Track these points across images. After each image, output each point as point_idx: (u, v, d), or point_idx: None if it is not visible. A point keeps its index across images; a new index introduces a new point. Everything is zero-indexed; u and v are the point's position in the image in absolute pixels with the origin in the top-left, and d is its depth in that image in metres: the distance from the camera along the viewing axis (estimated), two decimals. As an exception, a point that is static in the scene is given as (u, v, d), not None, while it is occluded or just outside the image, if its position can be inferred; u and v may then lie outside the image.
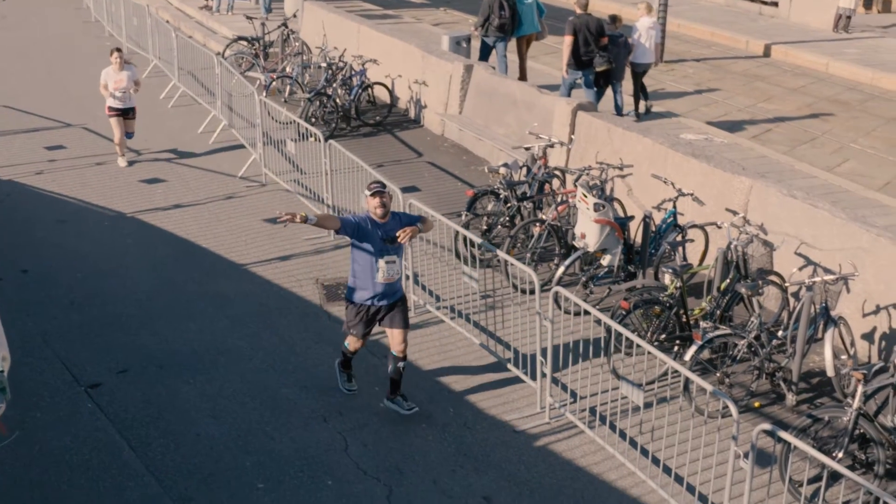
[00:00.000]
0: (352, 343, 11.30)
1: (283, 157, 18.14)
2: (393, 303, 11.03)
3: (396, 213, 11.10)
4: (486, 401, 11.42)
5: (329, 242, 15.40)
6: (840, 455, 9.85)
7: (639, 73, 19.60)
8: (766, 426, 8.65)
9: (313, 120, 20.31)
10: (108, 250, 15.02)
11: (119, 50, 18.28)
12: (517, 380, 11.75)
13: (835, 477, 9.86)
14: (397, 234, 10.76)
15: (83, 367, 11.78)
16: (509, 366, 11.93)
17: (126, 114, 18.48)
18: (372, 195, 10.80)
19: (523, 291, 13.36)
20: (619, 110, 19.76)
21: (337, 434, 10.72)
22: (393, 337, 11.02)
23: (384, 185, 11.07)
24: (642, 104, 19.87)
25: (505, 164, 15.31)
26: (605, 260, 13.52)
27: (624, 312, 11.66)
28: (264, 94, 20.07)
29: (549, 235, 14.19)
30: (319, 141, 15.69)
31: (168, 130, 20.28)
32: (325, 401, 11.29)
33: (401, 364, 11.00)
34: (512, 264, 12.44)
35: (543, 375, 11.15)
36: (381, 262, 10.74)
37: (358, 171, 14.98)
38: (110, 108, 18.41)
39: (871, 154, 16.06)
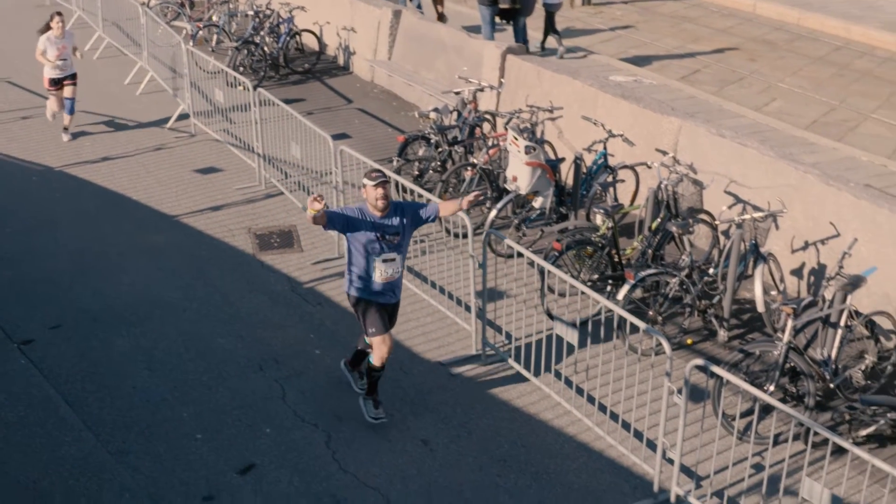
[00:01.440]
0: (376, 348, 9.81)
1: (211, 106, 17.98)
2: (394, 303, 9.98)
3: (397, 203, 9.81)
4: (422, 345, 11.47)
5: (261, 192, 15.33)
6: (771, 388, 10.01)
7: (550, 13, 19.43)
8: (699, 362, 8.77)
9: (241, 69, 20.14)
10: (37, 205, 14.84)
11: (60, 14, 16.92)
12: (452, 323, 11.80)
13: (767, 410, 10.03)
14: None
15: (15, 324, 11.67)
16: (444, 309, 11.98)
17: (68, 80, 17.13)
18: (375, 185, 9.38)
19: (456, 235, 13.39)
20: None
21: (274, 382, 10.72)
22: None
23: (386, 175, 9.69)
24: (553, 40, 19.55)
25: (435, 109, 15.29)
26: (537, 202, 13.57)
27: (557, 254, 11.72)
28: (191, 43, 19.84)
29: (481, 179, 14.20)
30: (248, 90, 15.56)
31: (94, 83, 20.01)
32: (260, 350, 11.27)
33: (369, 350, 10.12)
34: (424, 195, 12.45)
35: (478, 318, 11.20)
36: (378, 262, 9.51)
37: (288, 119, 14.89)
38: (51, 81, 17.07)
39: (798, 93, 16.20)
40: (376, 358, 9.80)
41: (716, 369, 8.81)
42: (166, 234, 13.95)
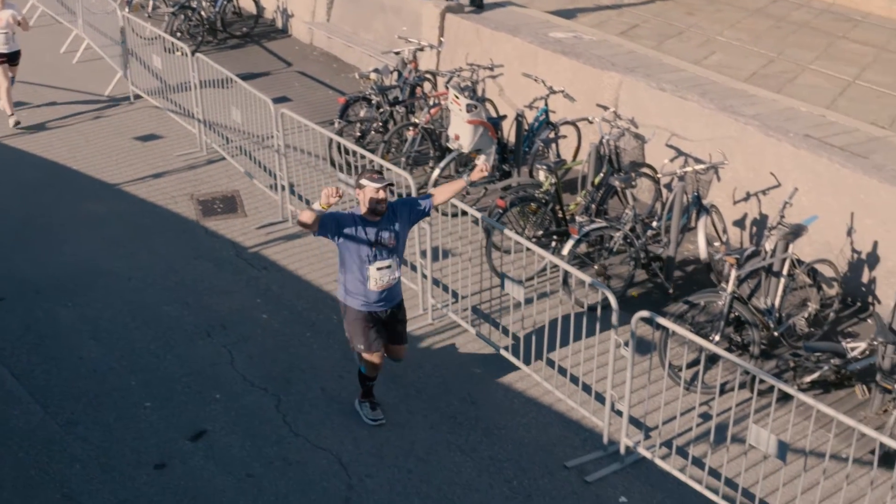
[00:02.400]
0: (367, 361, 9.37)
1: (150, 73, 17.81)
2: (392, 308, 9.32)
3: (389, 203, 9.01)
4: (369, 306, 11.48)
5: (202, 158, 15.23)
6: (717, 338, 10.11)
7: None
8: (645, 314, 8.84)
9: (179, 34, 19.94)
10: (-26, 177, 14.68)
11: None
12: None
13: (713, 359, 10.14)
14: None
15: (-43, 297, 11.57)
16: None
17: (12, 60, 16.37)
18: (378, 189, 8.64)
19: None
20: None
21: (222, 348, 10.70)
22: (392, 351, 9.59)
23: (389, 179, 9.00)
24: None
25: (375, 70, 15.23)
26: (480, 160, 13.55)
27: (501, 211, 11.75)
28: (126, 9, 19.58)
29: (423, 139, 14.19)
30: (186, 55, 15.43)
31: (30, 52, 19.68)
32: (207, 316, 11.24)
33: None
34: (388, 169, 12.42)
35: (424, 277, 11.22)
36: (372, 270, 8.88)
37: (227, 83, 14.78)
38: None
39: (736, 46, 16.27)
40: (368, 369, 9.42)
41: (661, 321, 8.88)
42: (108, 204, 13.84)
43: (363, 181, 8.66)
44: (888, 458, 8.62)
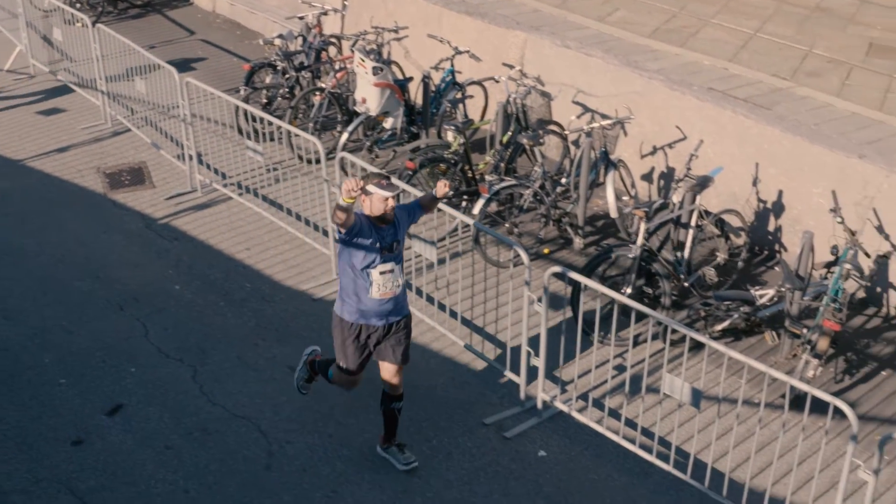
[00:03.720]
0: (342, 379, 8.72)
1: (50, 46, 17.51)
2: (392, 324, 8.43)
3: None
4: (282, 272, 11.46)
5: (107, 130, 15.04)
6: (628, 290, 10.23)
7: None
8: (557, 269, 8.92)
9: (78, 5, 19.58)
10: None
11: None
12: (311, 249, 11.80)
13: (625, 312, 10.25)
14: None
15: None
16: (301, 236, 11.96)
17: None
18: (387, 198, 7.94)
19: (309, 161, 13.34)
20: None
21: (135, 321, 10.61)
22: (384, 370, 8.61)
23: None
24: None
25: (280, 36, 15.12)
26: (388, 123, 13.58)
27: (410, 172, 11.76)
28: (23, -18, 19.25)
29: (331, 103, 14.13)
30: (87, 26, 15.20)
31: (-77, 28, 19.37)
32: (119, 289, 11.13)
33: (396, 405, 8.67)
34: (296, 135, 12.38)
35: (335, 242, 11.20)
36: (375, 274, 8.07)
37: (130, 54, 14.59)
38: None
39: (639, 2, 16.34)
40: (338, 381, 8.79)
41: (573, 275, 8.98)
42: (12, 180, 13.61)
43: (371, 187, 7.83)
44: (798, 401, 8.81)
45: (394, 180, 8.15)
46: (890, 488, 8.54)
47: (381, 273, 8.09)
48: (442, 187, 8.42)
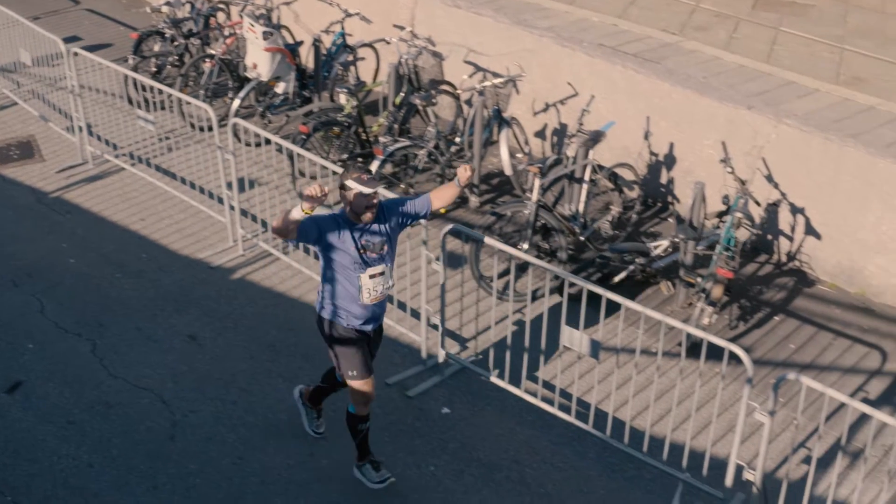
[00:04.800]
0: (357, 393, 7.84)
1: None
2: (376, 329, 7.98)
3: (382, 203, 7.64)
4: (178, 242, 11.36)
5: (-8, 103, 14.78)
6: (525, 246, 10.31)
7: None
8: (453, 227, 8.96)
9: (-44, -23, 19.18)
10: None
11: None
12: (207, 217, 11.72)
13: (522, 268, 10.36)
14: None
15: None
16: (197, 204, 11.87)
17: None
18: (367, 194, 7.24)
19: (201, 129, 13.22)
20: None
21: (30, 297, 10.45)
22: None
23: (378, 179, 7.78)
24: None
25: (167, 3, 14.91)
26: (280, 87, 13.51)
27: (304, 137, 11.70)
28: None
29: (221, 70, 13.99)
30: (-34, -2, 14.89)
31: None
32: (12, 265, 10.94)
33: (341, 388, 8.29)
34: (187, 102, 12.26)
35: (232, 208, 11.14)
36: (364, 279, 7.43)
37: (14, 25, 14.31)
38: None
39: (526, -42, 16.45)
40: (358, 405, 7.87)
41: (470, 233, 9.03)
42: None
43: (349, 182, 7.19)
44: (695, 348, 8.97)
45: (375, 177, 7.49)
46: (785, 429, 8.75)
47: (371, 277, 7.45)
48: (463, 172, 7.62)
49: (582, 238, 10.91)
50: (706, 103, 11.48)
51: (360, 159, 12.28)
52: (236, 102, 13.06)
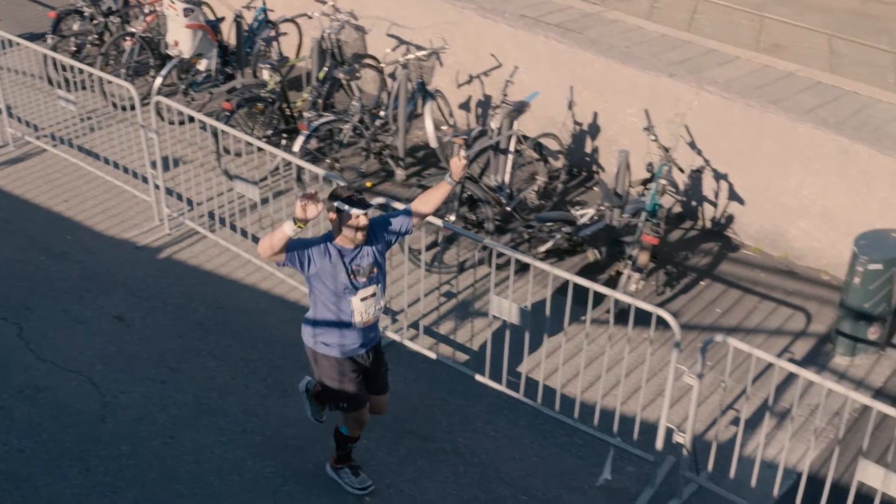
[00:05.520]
0: (352, 420, 7.55)
1: None
2: (373, 350, 7.49)
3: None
4: (104, 222, 11.26)
5: None
6: (452, 218, 10.34)
7: None
8: (380, 201, 8.97)
9: None
10: None
11: None
12: (132, 197, 11.62)
13: (450, 239, 10.39)
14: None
15: None
16: (121, 184, 11.76)
17: None
18: (358, 215, 6.81)
19: (123, 108, 13.08)
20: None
21: (-47, 281, 10.35)
22: (373, 402, 7.69)
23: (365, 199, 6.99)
24: None
25: (85, -19, 14.75)
26: (202, 65, 13.40)
27: (228, 114, 11.62)
28: None
29: (142, 48, 13.84)
30: None
31: None
32: (-68, 250, 10.83)
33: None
34: (108, 81, 12.13)
35: (157, 188, 11.06)
36: (356, 302, 7.05)
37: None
38: None
39: (446, -70, 16.43)
40: (352, 428, 7.61)
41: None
42: None
43: (339, 203, 6.78)
44: (623, 314, 9.06)
45: (367, 198, 7.14)
46: (714, 391, 8.87)
47: (363, 300, 7.07)
48: (457, 163, 7.28)
49: (508, 208, 10.96)
50: (629, 72, 11.56)
51: (284, 135, 12.23)
52: (158, 80, 12.93)
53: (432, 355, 9.09)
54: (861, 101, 11.05)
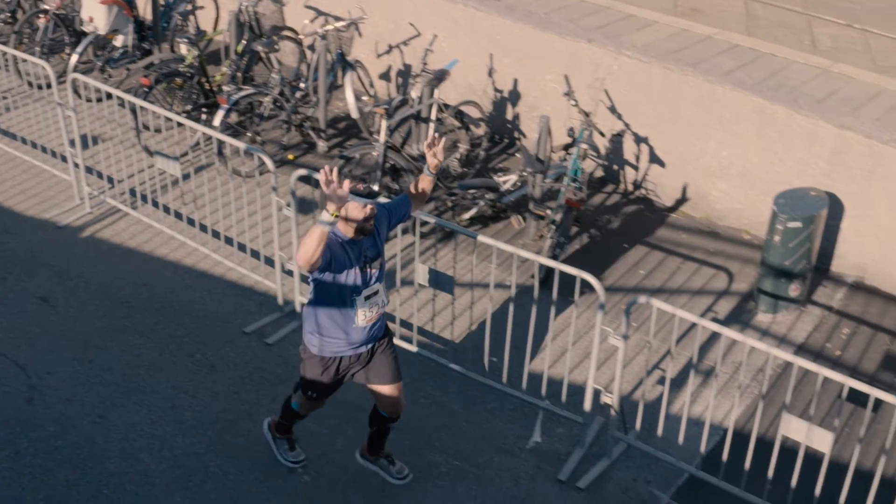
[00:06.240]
0: (307, 406, 7.47)
1: None
2: (375, 345, 7.16)
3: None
4: (23, 203, 11.12)
5: None
6: (375, 188, 10.30)
7: None
8: (303, 172, 8.94)
9: None
10: None
11: None
12: (51, 177, 11.49)
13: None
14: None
15: None
16: (39, 164, 11.62)
17: None
18: (366, 205, 6.51)
19: (39, 87, 12.91)
20: None
21: None
22: (383, 394, 7.26)
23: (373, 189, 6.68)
24: None
25: (-6, -41, 14.53)
26: (118, 41, 13.27)
27: (146, 89, 11.52)
28: None
29: (57, 25, 13.65)
30: None
31: None
32: None
33: (391, 425, 7.49)
34: (23, 60, 11.96)
35: (76, 166, 10.93)
36: (360, 301, 6.75)
37: None
38: None
39: None
40: (303, 409, 7.51)
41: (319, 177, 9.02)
42: None
43: (351, 197, 6.39)
44: (548, 279, 9.13)
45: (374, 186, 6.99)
46: (639, 352, 8.98)
47: (367, 298, 6.77)
48: (432, 159, 6.93)
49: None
50: (548, 38, 11.61)
51: (204, 110, 12.15)
52: (74, 58, 12.76)
53: (360, 325, 9.09)
54: (778, 63, 11.19)
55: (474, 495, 7.61)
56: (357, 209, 6.45)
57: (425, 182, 7.06)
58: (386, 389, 7.19)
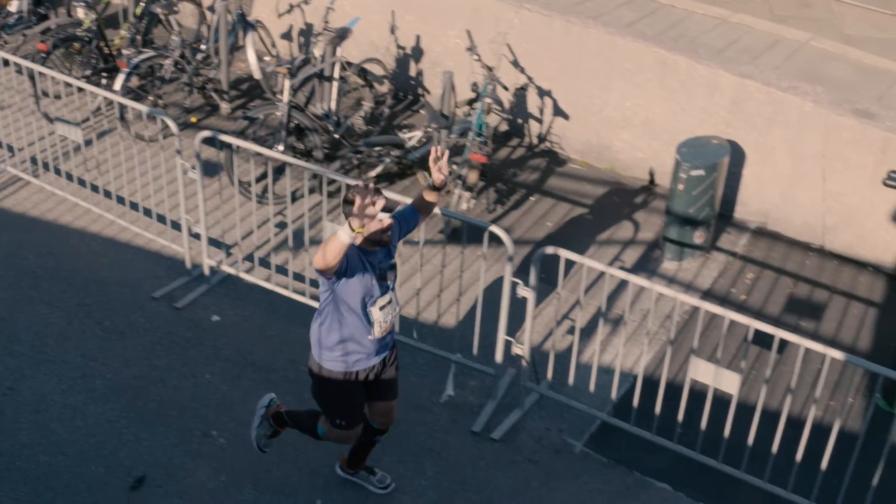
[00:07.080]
0: (337, 437, 7.04)
1: None
2: (387, 355, 6.89)
3: None
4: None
5: None
6: (281, 148, 10.29)
7: None
8: (207, 135, 8.88)
9: None
10: None
11: None
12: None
13: (280, 170, 10.35)
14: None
15: None
16: (-63, 134, 11.43)
17: None
18: (382, 220, 6.16)
19: None
20: None
21: None
22: (378, 409, 7.05)
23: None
24: None
25: None
26: (13, 6, 13.00)
27: (44, 55, 11.32)
28: None
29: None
30: None
31: None
32: None
33: (379, 438, 7.26)
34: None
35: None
36: (375, 311, 6.47)
37: None
38: None
39: None
40: (331, 439, 7.09)
41: (224, 138, 8.97)
42: None
43: (360, 197, 5.76)
44: (456, 233, 9.21)
45: (388, 194, 6.66)
46: (548, 303, 9.07)
47: (382, 308, 6.52)
48: (437, 174, 6.55)
49: (336, 136, 10.94)
50: (448, -7, 11.62)
51: (104, 74, 11.98)
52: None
53: (269, 286, 9.08)
54: (677, 14, 11.32)
55: (389, 451, 7.65)
56: (375, 223, 6.19)
57: (431, 196, 6.81)
58: (384, 405, 7.03)
